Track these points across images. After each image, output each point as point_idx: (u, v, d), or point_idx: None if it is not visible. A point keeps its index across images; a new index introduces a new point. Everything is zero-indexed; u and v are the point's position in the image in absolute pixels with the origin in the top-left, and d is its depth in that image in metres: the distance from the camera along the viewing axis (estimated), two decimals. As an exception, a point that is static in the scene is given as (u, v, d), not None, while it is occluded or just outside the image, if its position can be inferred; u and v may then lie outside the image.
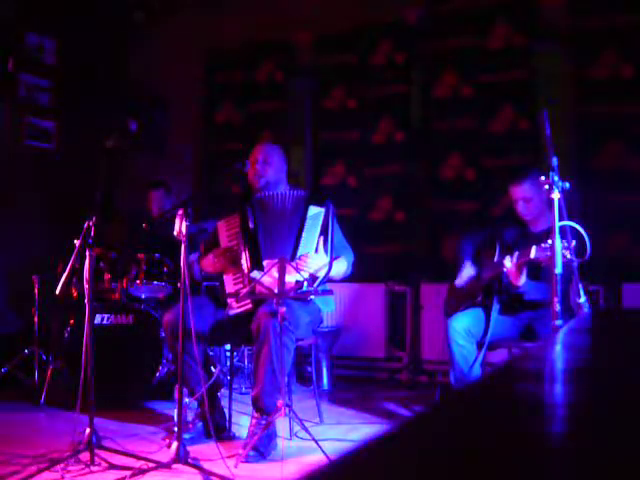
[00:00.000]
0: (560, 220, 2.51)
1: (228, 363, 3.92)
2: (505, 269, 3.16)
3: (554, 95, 4.64)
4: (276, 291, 2.76)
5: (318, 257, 3.04)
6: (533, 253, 2.92)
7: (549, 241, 2.60)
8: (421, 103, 5.16)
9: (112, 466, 2.66)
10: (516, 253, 3.10)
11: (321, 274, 2.99)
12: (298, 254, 3.03)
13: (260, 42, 5.65)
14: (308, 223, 3.09)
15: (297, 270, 2.89)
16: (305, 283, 2.87)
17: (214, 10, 5.73)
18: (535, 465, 0.47)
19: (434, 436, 0.56)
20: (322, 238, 3.08)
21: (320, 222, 3.10)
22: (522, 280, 3.14)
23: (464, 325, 3.26)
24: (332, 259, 2.98)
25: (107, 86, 5.58)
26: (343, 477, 0.47)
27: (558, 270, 2.46)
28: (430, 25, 5.10)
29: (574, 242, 2.60)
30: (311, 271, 2.98)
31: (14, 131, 5.21)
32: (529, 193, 3.30)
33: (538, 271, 3.02)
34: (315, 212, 3.12)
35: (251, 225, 3.14)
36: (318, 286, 2.98)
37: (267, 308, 2.86)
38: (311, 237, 3.07)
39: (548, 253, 2.71)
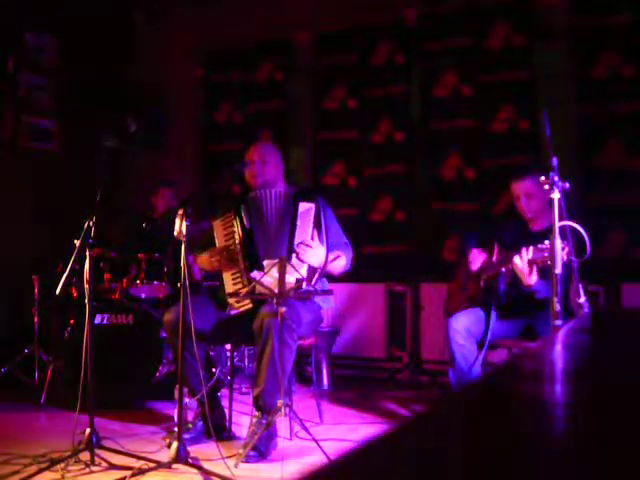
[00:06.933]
0: (560, 220, 2.51)
1: (228, 363, 3.92)
2: (516, 268, 3.09)
3: (554, 95, 4.64)
4: (276, 291, 2.76)
5: (317, 245, 3.06)
6: (530, 254, 2.91)
7: (546, 241, 2.59)
8: (421, 103, 5.16)
9: (112, 466, 2.66)
10: (530, 249, 3.01)
11: (320, 265, 3.01)
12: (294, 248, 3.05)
13: (260, 42, 5.65)
14: (300, 220, 3.11)
15: (298, 259, 2.94)
16: (304, 283, 2.87)
17: (214, 10, 5.73)
18: (535, 465, 0.47)
19: (434, 436, 0.56)
20: (316, 232, 3.10)
21: (311, 218, 3.11)
22: (534, 278, 3.08)
23: (464, 325, 3.26)
24: (328, 250, 3.02)
25: (107, 86, 5.58)
26: (343, 477, 0.47)
27: (558, 270, 2.46)
28: (430, 25, 5.10)
29: (566, 249, 2.59)
30: (310, 260, 3.00)
31: (14, 131, 5.20)
32: (531, 189, 3.29)
33: (545, 269, 2.99)
34: (305, 208, 3.13)
35: (247, 224, 3.15)
36: (317, 281, 2.99)
37: (269, 308, 2.86)
38: (304, 233, 3.09)
39: (545, 254, 2.70)
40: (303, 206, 3.14)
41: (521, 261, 3.06)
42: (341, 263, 3.22)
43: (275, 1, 5.56)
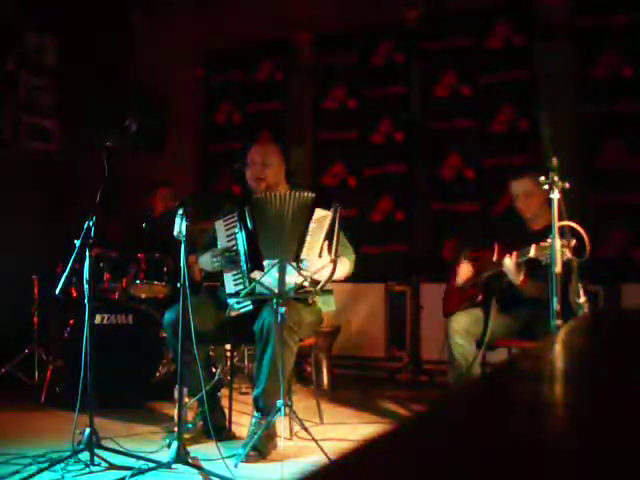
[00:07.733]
0: (560, 220, 2.51)
1: (228, 363, 3.92)
2: (504, 268, 3.15)
3: (554, 95, 4.64)
4: (276, 291, 2.76)
5: (321, 262, 2.94)
6: (532, 252, 2.92)
7: (548, 240, 2.59)
8: (421, 103, 5.16)
9: (112, 466, 2.66)
10: (515, 252, 3.10)
11: (323, 278, 2.92)
12: (301, 257, 2.97)
13: (260, 42, 5.65)
14: (313, 226, 3.01)
15: (299, 274, 2.86)
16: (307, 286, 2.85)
17: (214, 10, 5.73)
18: (535, 466, 0.47)
19: (434, 436, 0.56)
20: (327, 242, 2.99)
21: (326, 226, 3.00)
22: (521, 278, 3.13)
23: (463, 324, 3.27)
24: (335, 263, 2.88)
25: (107, 86, 5.57)
26: (343, 477, 0.47)
27: (557, 269, 2.46)
28: (430, 25, 5.10)
29: (573, 241, 2.59)
30: (315, 276, 2.94)
31: (14, 131, 5.20)
32: (530, 188, 3.30)
33: (536, 270, 3.02)
34: (321, 215, 3.03)
35: (250, 225, 3.10)
36: (319, 288, 2.95)
37: (270, 308, 2.85)
38: (316, 240, 2.99)
39: (547, 252, 2.71)
40: (319, 212, 3.03)
41: (509, 261, 3.10)
42: (345, 270, 3.18)
43: (275, 1, 5.56)
